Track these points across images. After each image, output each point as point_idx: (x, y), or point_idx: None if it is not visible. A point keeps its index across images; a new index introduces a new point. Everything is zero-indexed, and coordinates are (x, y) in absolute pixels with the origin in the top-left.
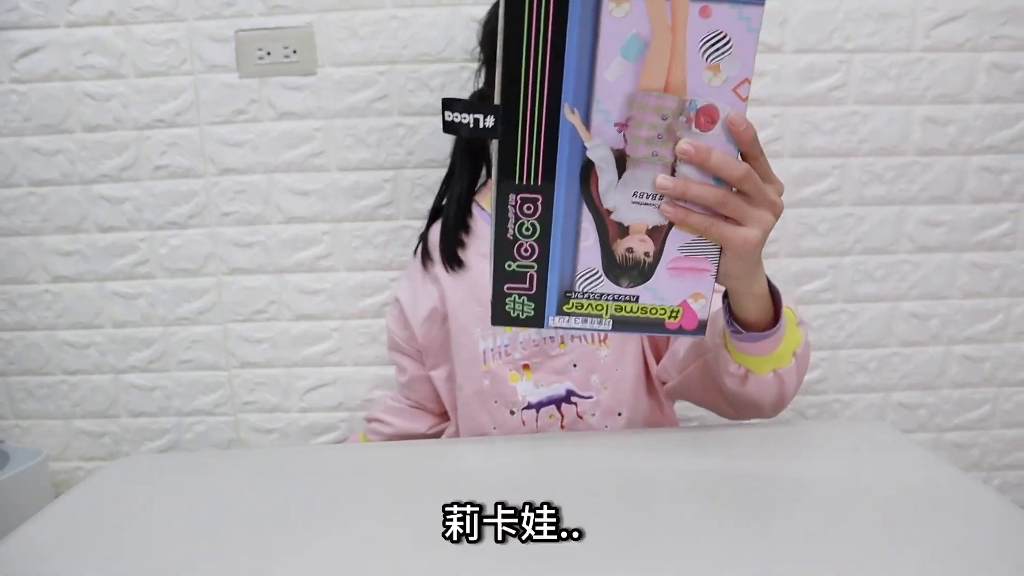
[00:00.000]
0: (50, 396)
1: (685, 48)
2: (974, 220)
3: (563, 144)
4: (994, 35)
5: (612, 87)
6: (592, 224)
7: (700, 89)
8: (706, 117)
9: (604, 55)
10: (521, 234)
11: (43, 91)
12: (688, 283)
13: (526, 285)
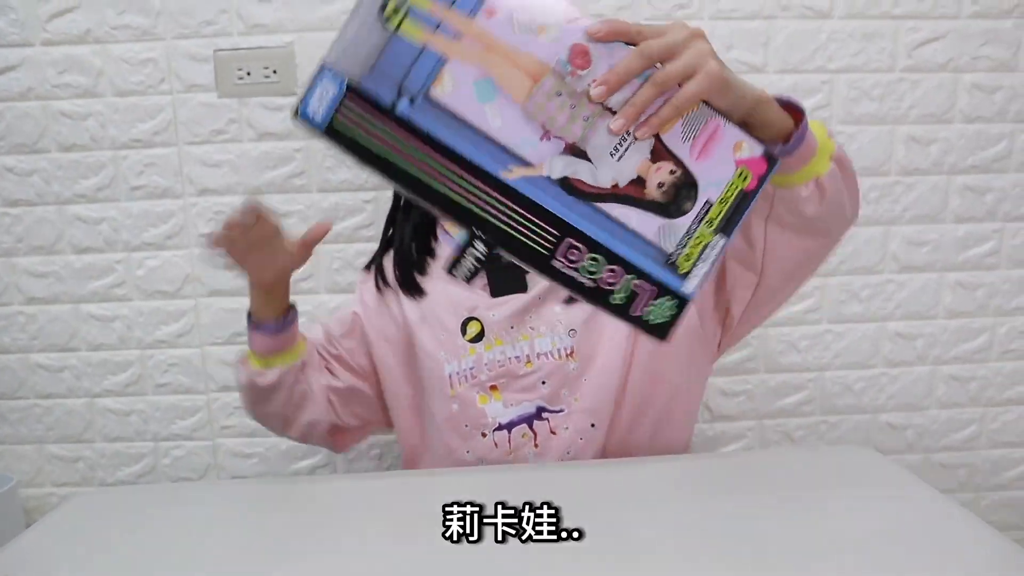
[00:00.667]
0: (23, 420)
1: (508, 46)
2: (958, 239)
3: (535, 193)
4: (974, 55)
5: (508, 124)
6: (619, 207)
7: (547, 50)
8: (579, 59)
9: (475, 117)
10: (593, 274)
11: (18, 110)
12: (720, 148)
13: (646, 294)
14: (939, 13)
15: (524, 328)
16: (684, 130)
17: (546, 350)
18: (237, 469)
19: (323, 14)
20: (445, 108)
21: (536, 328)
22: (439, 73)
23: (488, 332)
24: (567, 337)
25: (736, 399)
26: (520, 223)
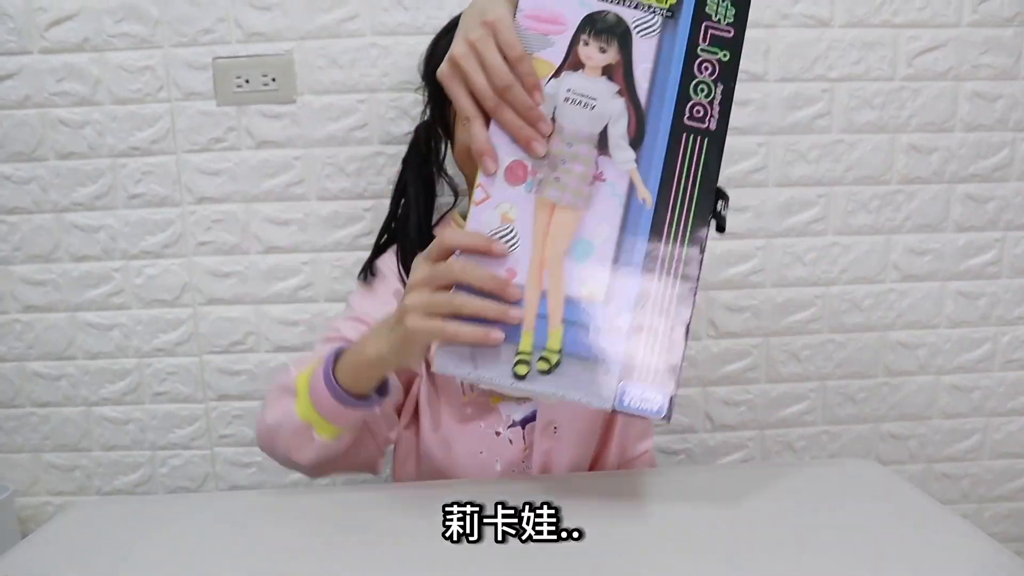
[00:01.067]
0: (19, 429)
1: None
2: (960, 248)
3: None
4: (975, 64)
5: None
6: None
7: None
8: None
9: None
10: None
11: (16, 118)
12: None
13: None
14: (939, 22)
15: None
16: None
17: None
18: (235, 478)
19: (321, 23)
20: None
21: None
22: None
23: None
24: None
25: (737, 409)
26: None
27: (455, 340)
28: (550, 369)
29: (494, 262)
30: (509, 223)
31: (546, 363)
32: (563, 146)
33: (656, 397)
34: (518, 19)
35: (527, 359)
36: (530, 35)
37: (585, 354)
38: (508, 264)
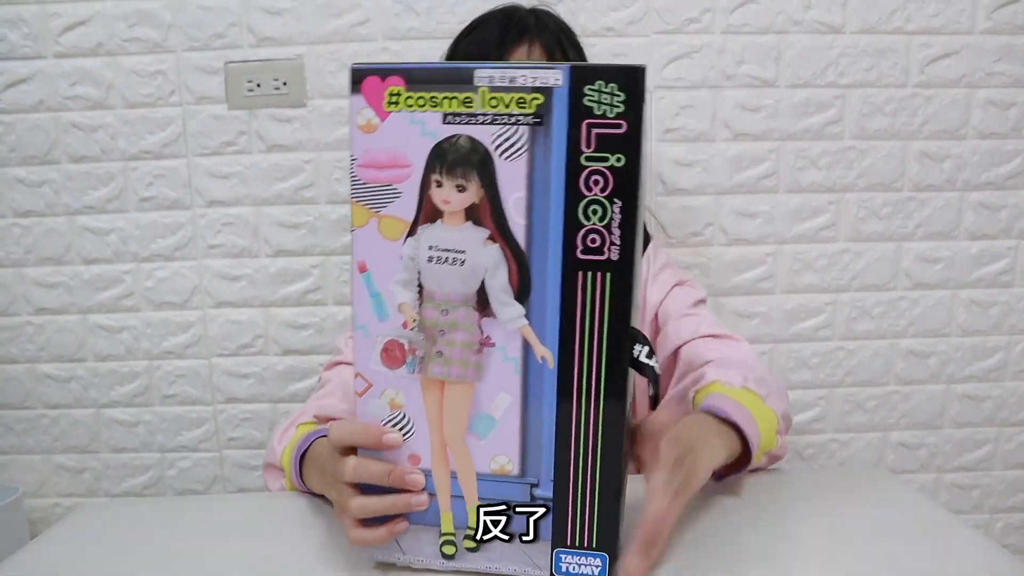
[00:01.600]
0: (29, 431)
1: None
2: (972, 257)
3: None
4: (988, 71)
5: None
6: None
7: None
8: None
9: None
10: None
11: (29, 121)
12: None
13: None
14: (952, 29)
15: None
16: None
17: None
18: (243, 481)
19: (332, 27)
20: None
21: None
22: None
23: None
24: None
25: None
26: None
27: (363, 544)
28: (478, 547)
29: (395, 450)
30: (398, 409)
31: (473, 542)
32: (437, 315)
33: (594, 561)
34: (354, 171)
35: (452, 539)
36: (370, 189)
37: (511, 528)
38: (409, 451)
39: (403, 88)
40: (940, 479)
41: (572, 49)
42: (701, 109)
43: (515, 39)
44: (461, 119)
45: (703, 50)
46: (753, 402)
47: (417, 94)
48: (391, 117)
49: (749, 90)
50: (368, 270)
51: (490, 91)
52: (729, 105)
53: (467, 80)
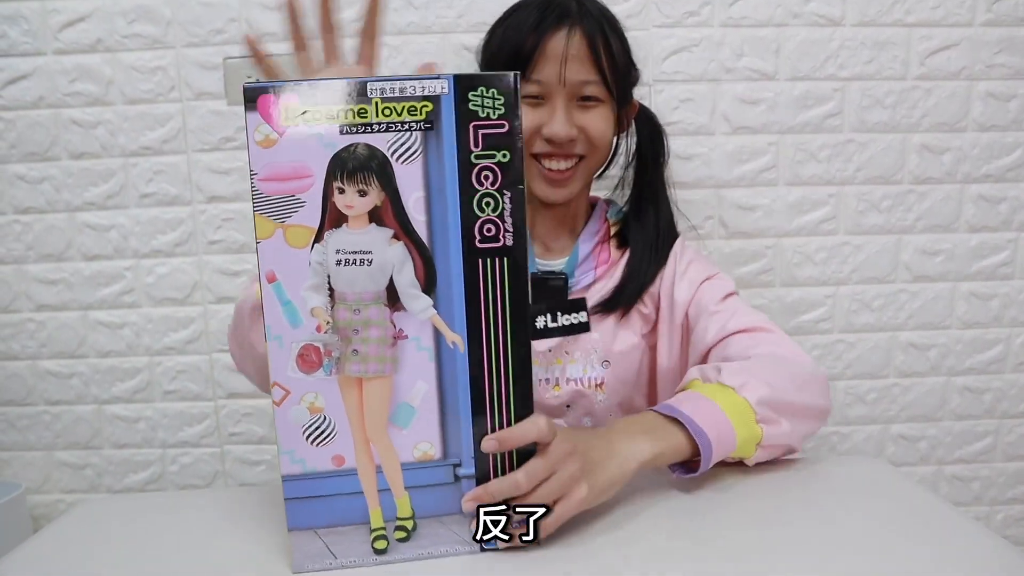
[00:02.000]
0: (31, 427)
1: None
2: (972, 249)
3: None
4: (989, 64)
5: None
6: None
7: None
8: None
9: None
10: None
11: (29, 118)
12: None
13: None
14: (952, 21)
15: (560, 352)
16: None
17: (576, 376)
18: (245, 476)
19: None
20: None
21: (571, 353)
22: None
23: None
24: (600, 367)
25: None
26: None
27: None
28: (409, 536)
29: (318, 453)
30: (318, 413)
31: (403, 531)
32: (350, 315)
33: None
34: (255, 185)
35: (383, 534)
36: (274, 200)
37: (439, 510)
38: (333, 452)
39: (298, 103)
40: (940, 471)
41: (615, 36)
42: (700, 102)
43: (554, 23)
44: (357, 129)
45: (702, 43)
46: (721, 394)
47: (313, 108)
48: (289, 131)
49: (749, 83)
50: (277, 280)
51: (382, 102)
52: (729, 98)
53: (361, 93)
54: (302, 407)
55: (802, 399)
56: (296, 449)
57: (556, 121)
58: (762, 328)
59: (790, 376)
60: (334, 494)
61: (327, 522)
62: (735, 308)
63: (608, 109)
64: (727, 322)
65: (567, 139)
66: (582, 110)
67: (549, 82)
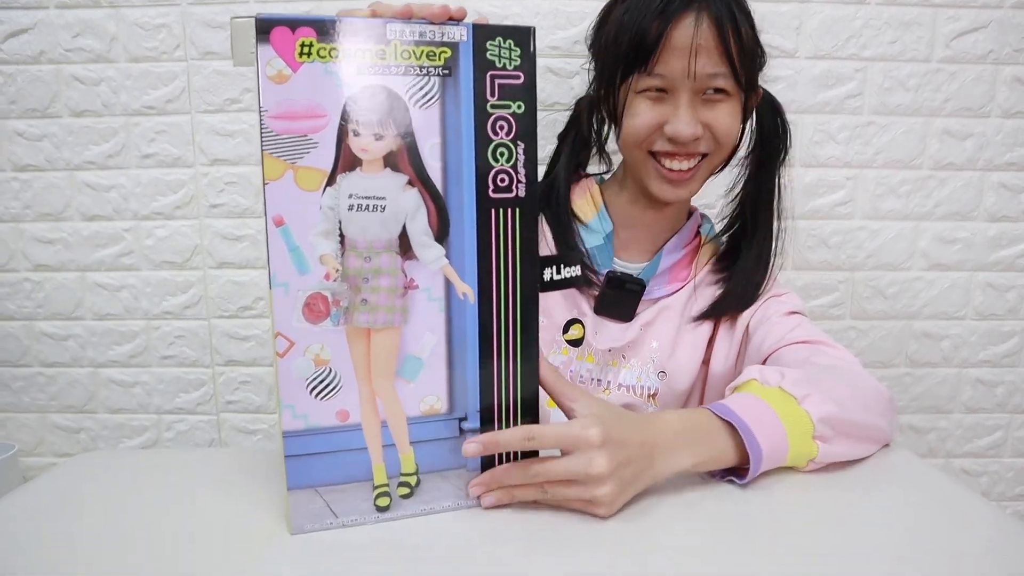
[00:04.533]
0: (25, 389)
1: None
2: (990, 238)
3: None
4: (1017, 48)
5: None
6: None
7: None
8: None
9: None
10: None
11: (30, 73)
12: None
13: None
14: (980, 2)
15: (617, 355)
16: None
17: (629, 383)
18: (241, 445)
19: None
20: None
21: (628, 358)
22: None
23: (586, 344)
24: (655, 378)
25: None
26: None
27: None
28: (412, 492)
29: (322, 408)
30: (324, 365)
31: (406, 488)
32: (361, 263)
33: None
34: (265, 123)
35: (386, 490)
36: (284, 140)
37: (443, 465)
38: (338, 407)
39: (315, 39)
40: (949, 464)
41: (743, 17)
42: None
43: (681, 7)
44: (375, 70)
45: None
46: (782, 403)
47: (330, 45)
48: (303, 68)
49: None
50: (285, 224)
51: (401, 44)
52: None
53: (380, 34)
54: (307, 359)
55: (866, 420)
56: (298, 404)
57: (680, 120)
58: (824, 342)
59: (855, 394)
60: (337, 450)
61: (328, 480)
62: (799, 322)
63: (736, 102)
64: (788, 332)
65: (692, 139)
66: (708, 105)
67: (674, 76)
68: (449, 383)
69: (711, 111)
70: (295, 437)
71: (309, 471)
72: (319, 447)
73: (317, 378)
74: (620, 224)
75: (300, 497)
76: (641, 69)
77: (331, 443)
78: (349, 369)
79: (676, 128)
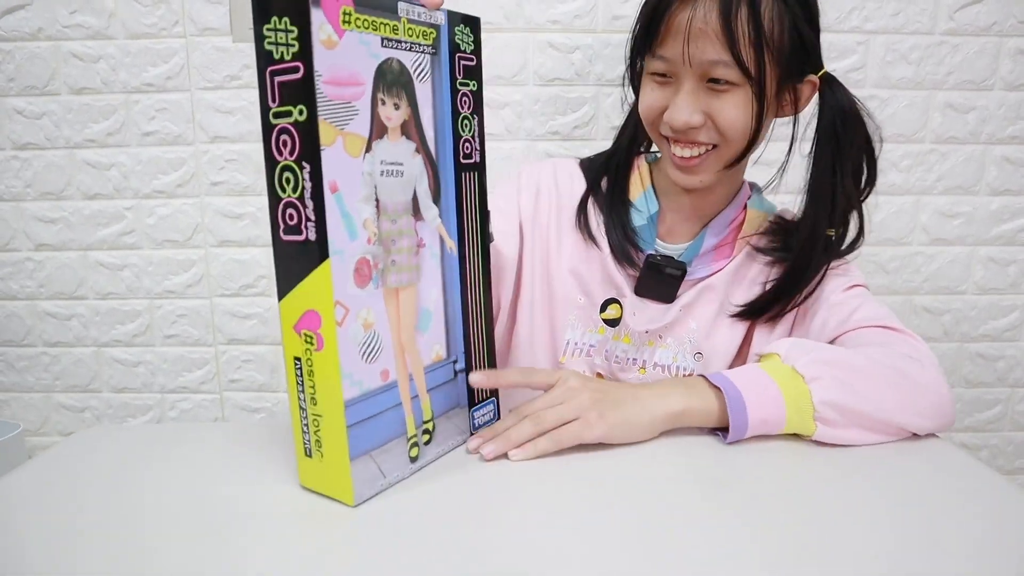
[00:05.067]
0: (30, 368)
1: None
2: (992, 213)
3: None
4: (1020, 19)
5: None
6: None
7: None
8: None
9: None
10: None
11: (28, 50)
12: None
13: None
14: None
15: (655, 335)
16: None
17: (665, 363)
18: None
19: None
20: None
21: (664, 338)
22: None
23: (623, 324)
24: (691, 359)
25: None
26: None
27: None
28: (431, 438)
29: (369, 370)
30: (370, 328)
31: (428, 434)
32: (390, 225)
33: (488, 408)
34: (319, 88)
35: (416, 440)
36: (336, 105)
37: (447, 406)
38: (381, 367)
39: (352, 9)
40: (949, 438)
41: (771, 3)
42: None
43: None
44: (392, 44)
45: None
46: (789, 379)
47: (363, 16)
48: (346, 35)
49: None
50: (339, 190)
51: (408, 22)
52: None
53: (393, 9)
54: (359, 324)
55: (885, 415)
56: (355, 371)
57: (676, 106)
58: (893, 327)
59: (889, 387)
60: (382, 411)
61: (377, 442)
62: (862, 300)
63: (745, 94)
64: (852, 314)
65: (686, 127)
66: (712, 94)
67: (675, 60)
68: (447, 331)
69: (716, 101)
70: (354, 405)
71: (363, 437)
72: (369, 411)
73: (366, 342)
74: (667, 205)
75: (358, 466)
76: (648, 50)
77: (378, 404)
78: (387, 329)
79: (671, 114)
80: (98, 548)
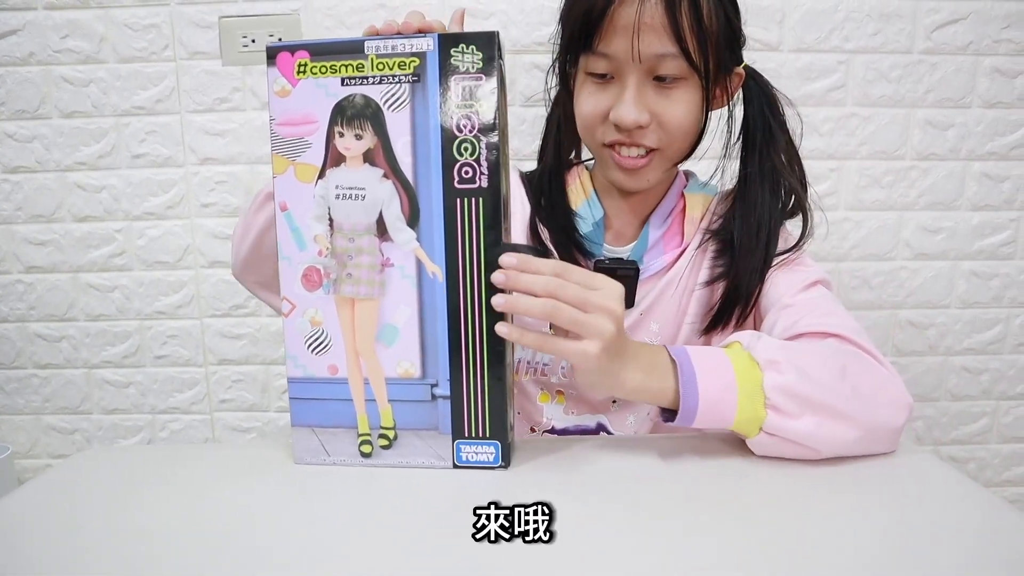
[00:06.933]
0: (20, 391)
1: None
2: (973, 228)
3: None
4: (996, 39)
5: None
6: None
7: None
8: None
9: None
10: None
11: (19, 75)
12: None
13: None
14: None
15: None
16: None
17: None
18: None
19: None
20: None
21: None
22: None
23: None
24: None
25: None
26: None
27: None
28: (390, 444)
29: (317, 361)
30: (318, 326)
31: (386, 439)
32: (346, 242)
33: (488, 449)
34: (273, 129)
35: (368, 439)
36: (289, 141)
37: (418, 424)
38: (328, 362)
39: (308, 60)
40: (936, 451)
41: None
42: None
43: None
44: (355, 81)
45: None
46: (745, 365)
47: (320, 63)
48: (300, 83)
49: (751, 53)
50: (288, 209)
51: (377, 58)
52: None
53: (359, 50)
54: (305, 320)
55: (843, 404)
56: (299, 356)
57: (624, 104)
58: (839, 335)
59: (844, 377)
60: (328, 398)
61: (322, 422)
62: (815, 305)
63: (692, 88)
64: (800, 319)
65: (635, 125)
66: (658, 91)
67: (619, 57)
68: (422, 351)
69: (662, 99)
70: (297, 383)
71: (307, 412)
72: (315, 393)
73: (313, 336)
74: (611, 208)
75: (300, 434)
76: (586, 47)
77: (324, 392)
78: (338, 331)
79: (618, 112)
80: (101, 569)
